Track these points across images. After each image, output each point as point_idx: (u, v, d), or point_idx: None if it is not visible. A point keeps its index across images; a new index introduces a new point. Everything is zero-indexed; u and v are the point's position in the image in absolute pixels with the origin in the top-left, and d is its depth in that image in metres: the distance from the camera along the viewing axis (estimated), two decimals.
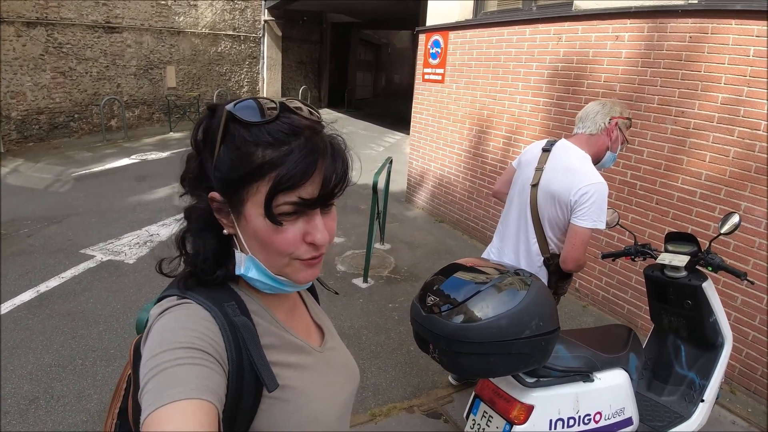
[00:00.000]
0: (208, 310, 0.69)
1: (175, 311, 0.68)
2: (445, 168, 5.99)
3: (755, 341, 3.10)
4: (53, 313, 3.56)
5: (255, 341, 0.70)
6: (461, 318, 1.54)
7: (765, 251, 3.00)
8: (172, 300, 0.71)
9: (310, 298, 0.97)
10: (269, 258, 0.72)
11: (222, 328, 0.68)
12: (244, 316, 0.71)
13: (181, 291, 0.72)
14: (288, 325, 0.81)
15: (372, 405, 2.81)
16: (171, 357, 0.59)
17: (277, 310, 0.80)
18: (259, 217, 0.68)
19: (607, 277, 3.98)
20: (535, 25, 4.40)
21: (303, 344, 0.81)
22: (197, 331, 0.64)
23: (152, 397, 0.56)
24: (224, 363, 0.65)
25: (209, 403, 0.57)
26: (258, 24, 14.00)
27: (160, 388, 0.56)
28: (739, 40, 3.02)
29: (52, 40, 9.36)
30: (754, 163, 3.02)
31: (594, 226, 1.97)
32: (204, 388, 0.58)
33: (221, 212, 0.72)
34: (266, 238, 0.69)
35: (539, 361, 1.63)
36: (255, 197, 0.68)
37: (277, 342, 0.76)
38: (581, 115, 2.13)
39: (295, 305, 0.88)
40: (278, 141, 0.66)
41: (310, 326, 0.90)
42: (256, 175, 0.67)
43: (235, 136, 0.67)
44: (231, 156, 0.68)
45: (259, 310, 0.76)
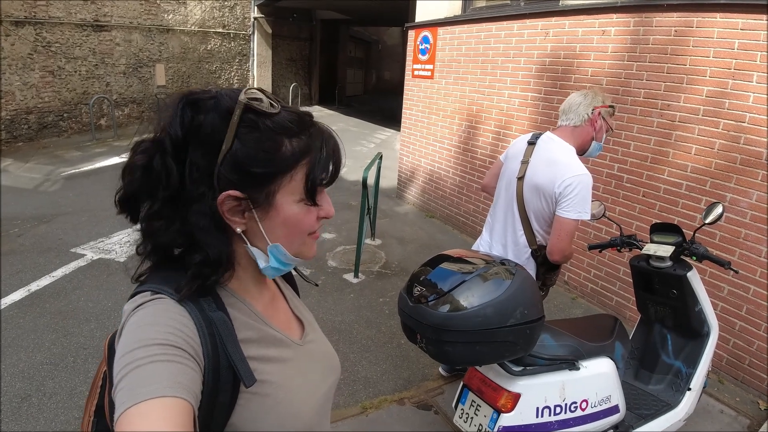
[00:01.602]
0: (183, 305, 0.68)
1: (149, 307, 0.66)
2: (435, 163, 6.01)
3: (742, 331, 3.15)
4: (44, 312, 3.55)
5: (231, 336, 0.69)
6: (447, 307, 1.56)
7: (751, 242, 3.05)
8: (146, 296, 0.69)
9: (289, 290, 0.96)
10: (293, 241, 0.75)
11: (197, 323, 0.67)
12: (221, 311, 0.70)
13: (155, 287, 0.70)
14: (267, 317, 0.80)
15: (363, 398, 2.82)
16: (144, 354, 0.59)
17: (255, 302, 0.79)
18: (293, 204, 0.71)
19: (596, 269, 4.02)
20: (522, 21, 4.42)
21: (282, 337, 0.81)
22: (171, 327, 0.63)
23: (125, 395, 0.55)
24: (200, 359, 0.64)
25: (183, 401, 0.56)
26: (248, 21, 13.93)
27: (134, 385, 0.56)
28: (724, 34, 3.06)
29: (41, 39, 9.27)
30: (738, 155, 3.07)
31: (579, 217, 1.99)
32: (177, 386, 0.57)
33: (235, 211, 0.70)
34: (297, 221, 0.73)
35: (525, 349, 1.65)
36: (289, 186, 0.70)
37: (255, 336, 0.75)
38: (564, 107, 2.16)
39: (274, 297, 0.87)
40: (297, 130, 0.70)
41: (290, 319, 0.89)
42: (290, 165, 0.69)
43: (259, 128, 0.68)
44: (255, 149, 0.67)
45: (237, 303, 0.76)
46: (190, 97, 0.69)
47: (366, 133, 12.86)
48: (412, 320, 1.66)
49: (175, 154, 0.67)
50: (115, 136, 10.20)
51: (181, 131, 0.67)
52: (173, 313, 0.66)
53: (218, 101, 0.68)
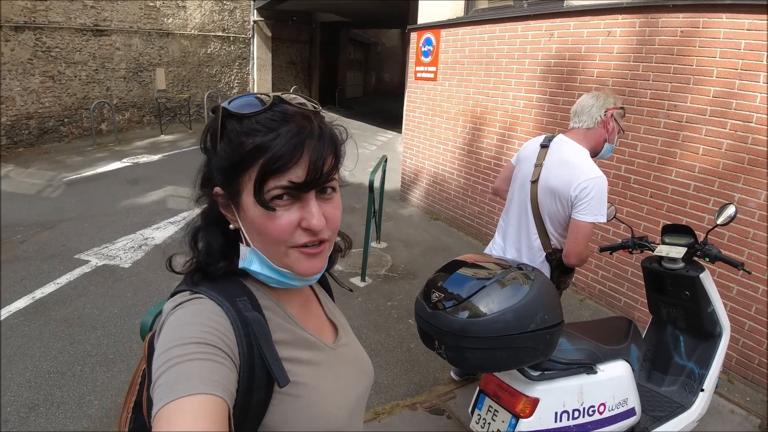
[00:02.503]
0: (220, 305, 0.69)
1: (187, 306, 0.68)
2: (439, 165, 6.00)
3: (752, 330, 3.14)
4: (50, 320, 3.53)
5: (266, 336, 0.70)
6: (467, 314, 1.55)
7: (760, 242, 3.05)
8: (185, 295, 0.71)
9: (324, 294, 0.97)
10: (267, 248, 0.72)
11: (233, 323, 0.68)
12: (256, 312, 0.72)
13: (192, 286, 0.72)
14: (301, 320, 0.81)
15: (375, 403, 2.81)
16: (183, 352, 0.60)
17: (289, 306, 0.80)
18: (253, 205, 0.69)
19: (604, 270, 4.01)
20: (526, 22, 4.42)
21: (316, 340, 0.81)
22: (209, 326, 0.65)
23: (163, 391, 0.56)
24: (235, 358, 0.65)
25: (219, 398, 0.57)
26: (247, 24, 13.94)
27: (171, 382, 0.57)
28: (730, 34, 3.06)
29: (41, 44, 9.27)
30: (746, 155, 3.06)
31: (595, 220, 1.99)
32: (214, 384, 0.58)
33: (226, 207, 0.74)
34: (261, 225, 0.69)
35: (544, 354, 1.64)
36: (248, 185, 0.68)
37: (289, 338, 0.76)
38: (576, 110, 2.15)
39: (308, 301, 0.88)
40: (268, 128, 0.67)
41: (324, 322, 0.90)
42: (246, 161, 0.68)
43: (229, 129, 0.69)
44: (226, 148, 0.69)
45: (271, 305, 0.77)
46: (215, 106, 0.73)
47: (367, 135, 12.86)
48: (430, 326, 1.65)
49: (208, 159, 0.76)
50: (116, 140, 10.20)
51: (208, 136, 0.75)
52: (210, 312, 0.68)
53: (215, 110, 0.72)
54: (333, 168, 0.71)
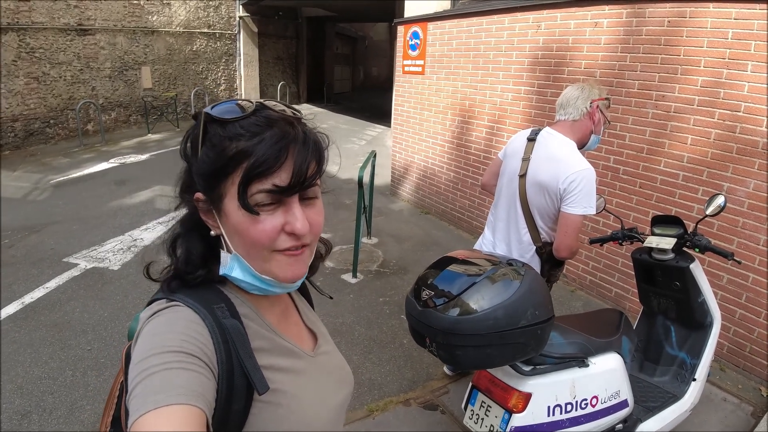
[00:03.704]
0: (197, 312, 0.68)
1: (164, 314, 0.67)
2: (428, 159, 5.99)
3: (743, 319, 3.17)
4: (40, 325, 3.49)
5: (245, 344, 0.69)
6: (457, 311, 1.54)
7: (749, 231, 3.06)
8: (161, 303, 0.70)
9: (303, 302, 0.95)
10: (250, 253, 0.71)
11: (211, 330, 0.67)
12: (234, 319, 0.71)
13: (169, 294, 0.71)
14: (279, 329, 0.80)
15: (368, 400, 2.81)
16: (159, 361, 0.59)
17: (267, 314, 0.79)
18: (237, 209, 0.68)
19: (594, 261, 4.02)
20: (513, 14, 4.41)
21: (294, 348, 0.80)
22: (186, 335, 0.64)
23: (139, 401, 0.55)
24: (213, 366, 0.64)
25: (197, 408, 0.56)
26: (233, 21, 13.80)
27: (148, 392, 0.56)
28: (717, 23, 3.06)
29: (24, 46, 9.12)
30: (735, 145, 3.07)
31: (585, 212, 1.99)
32: (192, 393, 0.57)
33: (207, 213, 0.73)
34: (245, 230, 0.68)
35: (536, 349, 1.64)
36: (231, 189, 0.68)
37: (267, 345, 0.75)
38: (561, 102, 2.14)
39: (287, 309, 0.87)
40: (251, 133, 0.67)
41: (302, 331, 0.89)
42: (229, 166, 0.67)
43: (212, 134, 0.69)
44: (208, 153, 0.68)
45: (250, 313, 0.76)
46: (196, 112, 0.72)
47: (356, 130, 12.82)
48: (421, 325, 1.64)
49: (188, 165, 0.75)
50: (102, 140, 10.08)
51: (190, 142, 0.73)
52: (188, 320, 0.66)
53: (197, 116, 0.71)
54: (316, 173, 0.71)
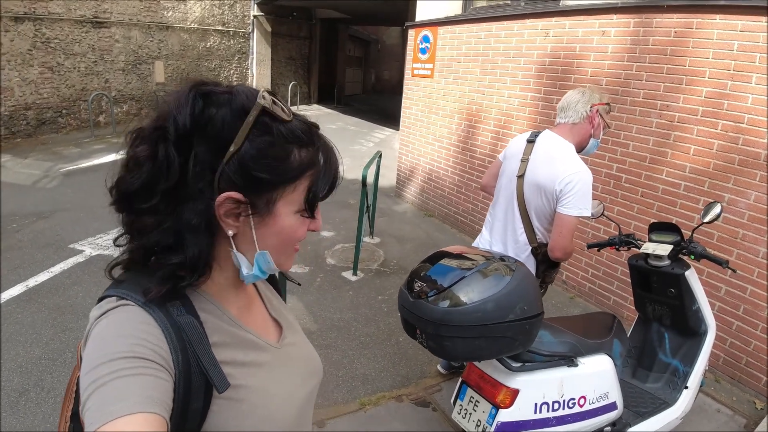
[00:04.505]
0: (149, 312, 0.64)
1: (112, 315, 0.63)
2: (434, 162, 6.02)
3: (739, 330, 3.16)
4: (42, 307, 3.54)
5: (202, 341, 0.66)
6: (447, 303, 1.57)
7: (748, 242, 3.07)
8: (111, 301, 0.65)
9: (269, 293, 0.93)
10: (283, 251, 0.73)
11: (164, 330, 0.63)
12: (190, 315, 0.67)
13: (119, 289, 0.66)
14: (243, 320, 0.77)
15: (361, 394, 2.83)
16: (111, 369, 0.56)
17: (230, 306, 0.76)
18: (290, 214, 0.70)
19: (593, 268, 4.03)
20: (523, 21, 4.44)
21: (257, 341, 0.78)
22: (136, 337, 0.60)
23: (94, 414, 0.53)
24: (169, 367, 0.62)
25: (155, 415, 0.54)
26: (247, 19, 13.92)
27: (102, 404, 0.53)
28: (723, 35, 3.07)
29: (40, 35, 9.24)
30: (737, 156, 3.08)
31: (580, 214, 2.01)
32: (148, 400, 0.55)
33: (231, 213, 0.67)
34: (292, 232, 0.71)
35: (523, 344, 1.66)
36: (291, 196, 0.69)
37: (228, 339, 0.73)
38: (562, 105, 2.17)
39: (251, 300, 0.84)
40: (307, 140, 0.69)
41: (267, 322, 0.86)
42: (296, 176, 0.68)
43: (272, 133, 0.66)
44: (264, 154, 0.65)
45: (209, 307, 0.73)
46: (203, 87, 0.65)
47: (364, 132, 12.87)
48: (412, 315, 1.67)
49: (178, 144, 0.63)
50: (113, 132, 10.18)
51: (190, 122, 0.63)
52: (138, 321, 0.63)
53: (233, 98, 0.65)
54: None
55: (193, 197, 0.64)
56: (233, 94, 0.66)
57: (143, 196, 0.64)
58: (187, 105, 0.64)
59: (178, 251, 0.65)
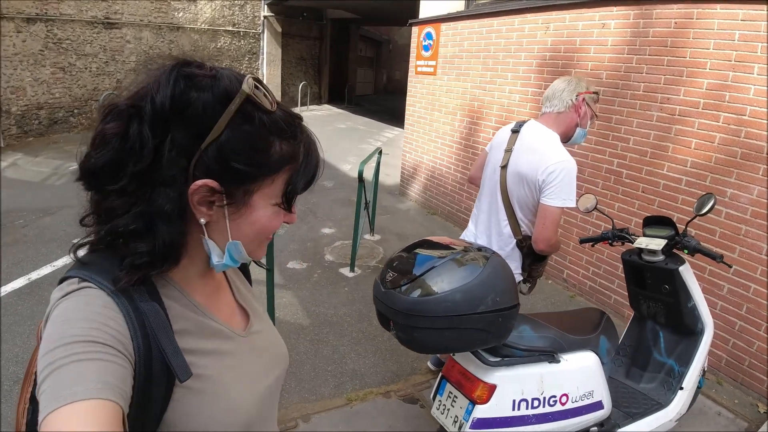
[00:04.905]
0: (111, 296, 0.62)
1: (73, 297, 0.61)
2: (437, 160, 5.96)
3: (742, 331, 3.06)
4: (42, 299, 3.58)
5: (165, 328, 0.65)
6: (418, 292, 1.52)
7: (752, 239, 2.96)
8: (72, 283, 0.63)
9: (238, 279, 0.92)
10: (256, 241, 0.72)
11: (126, 315, 0.62)
12: (154, 302, 0.66)
13: (83, 270, 0.64)
14: (209, 308, 0.76)
15: (349, 390, 2.80)
16: (68, 352, 0.55)
17: (196, 294, 0.75)
18: (267, 206, 0.69)
19: (594, 266, 3.94)
20: (523, 15, 4.37)
21: (222, 329, 0.77)
22: (96, 322, 0.59)
23: (48, 398, 0.52)
24: (129, 354, 0.60)
25: (109, 402, 0.53)
26: (257, 20, 14.00)
27: (57, 387, 0.52)
28: (724, 25, 2.98)
29: (52, 36, 9.40)
30: (739, 149, 2.99)
31: (563, 204, 1.94)
32: (103, 386, 0.54)
33: (204, 201, 0.65)
34: (267, 223, 0.70)
35: (497, 338, 1.61)
36: (269, 188, 0.68)
37: (192, 327, 0.71)
38: (548, 94, 2.11)
39: (219, 288, 0.83)
40: (289, 133, 0.68)
41: (234, 310, 0.85)
42: (275, 169, 0.67)
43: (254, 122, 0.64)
44: (245, 144, 0.64)
45: (174, 293, 0.71)
46: (185, 68, 0.63)
47: (373, 131, 12.85)
48: (384, 306, 1.62)
49: (153, 125, 0.61)
50: None
51: (169, 103, 0.61)
52: (98, 306, 0.61)
53: (217, 82, 0.63)
54: None
55: (166, 182, 0.62)
56: (216, 78, 0.63)
57: (110, 176, 0.61)
58: (168, 86, 0.61)
59: (147, 237, 0.63)
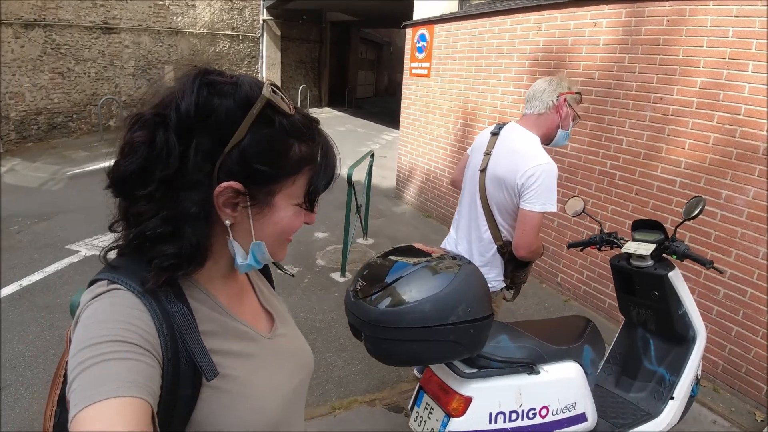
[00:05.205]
0: (139, 297, 0.64)
1: (103, 299, 0.63)
2: (432, 162, 5.90)
3: (739, 337, 2.98)
4: (32, 306, 3.58)
5: (191, 328, 0.66)
6: (387, 302, 1.46)
7: (748, 242, 2.88)
8: (102, 285, 0.65)
9: (262, 283, 0.93)
10: (277, 242, 0.73)
11: (154, 315, 0.63)
12: (180, 303, 0.67)
13: (112, 273, 0.66)
14: (233, 310, 0.77)
15: (334, 398, 2.74)
16: (97, 352, 0.56)
17: (221, 295, 0.76)
18: (289, 206, 0.71)
19: (589, 270, 3.87)
20: (515, 15, 4.31)
21: (248, 330, 0.78)
22: (125, 322, 0.60)
23: (78, 396, 0.53)
24: (157, 354, 0.61)
25: (138, 399, 0.54)
26: (257, 23, 14.00)
27: (86, 386, 0.54)
28: (717, 21, 2.91)
29: (50, 41, 9.41)
30: (734, 150, 2.91)
31: (543, 209, 1.88)
32: (132, 384, 0.55)
33: (229, 203, 0.67)
34: (289, 224, 0.72)
35: (470, 349, 1.54)
36: (290, 189, 0.70)
37: (217, 329, 0.72)
38: (529, 95, 2.05)
39: (243, 290, 0.84)
40: (308, 135, 0.69)
41: (259, 312, 0.86)
42: (296, 170, 0.69)
43: (274, 125, 0.66)
44: (266, 147, 0.66)
45: (200, 295, 0.72)
46: (208, 76, 0.66)
47: (373, 134, 12.81)
48: (354, 317, 1.57)
49: (179, 132, 0.63)
50: None
51: (193, 110, 0.63)
52: (127, 306, 0.63)
53: (238, 88, 0.65)
54: None
55: (192, 186, 0.64)
56: (237, 84, 0.66)
57: (139, 182, 0.64)
58: (192, 94, 0.64)
59: (174, 240, 0.65)
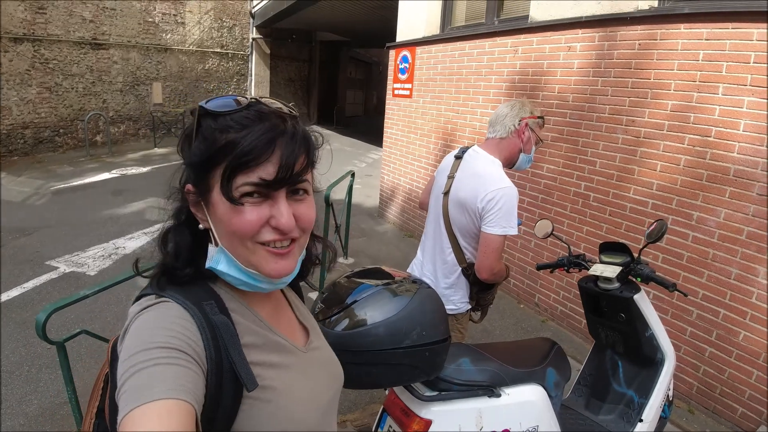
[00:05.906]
0: (186, 309, 0.68)
1: (152, 310, 0.67)
2: (413, 182, 5.93)
3: (712, 357, 2.99)
4: (9, 322, 3.56)
5: (234, 340, 0.69)
6: (344, 324, 1.46)
7: (720, 263, 2.91)
8: (150, 299, 0.70)
9: (294, 296, 0.96)
10: (234, 245, 0.71)
11: (200, 326, 0.67)
12: (224, 315, 0.70)
13: (159, 290, 0.71)
14: (272, 323, 0.79)
15: None
16: (148, 357, 0.59)
17: (260, 309, 0.79)
18: (222, 200, 0.69)
19: (565, 291, 3.87)
20: (493, 38, 4.38)
21: (286, 343, 0.80)
22: (174, 331, 0.64)
23: (128, 397, 0.55)
24: (202, 362, 0.64)
25: (186, 403, 0.56)
26: (246, 42, 14.11)
27: (137, 388, 0.56)
28: (688, 45, 2.96)
29: (39, 56, 9.43)
30: (705, 171, 2.94)
31: (504, 232, 1.89)
32: (180, 388, 0.57)
33: (197, 205, 0.73)
34: (227, 220, 0.69)
35: (427, 373, 1.53)
36: (219, 181, 0.69)
37: (258, 341, 0.75)
38: (492, 119, 2.07)
39: (279, 304, 0.87)
40: (242, 125, 0.68)
41: (295, 325, 0.89)
42: (217, 157, 0.67)
43: (204, 126, 0.69)
44: (200, 145, 0.69)
45: (241, 308, 0.75)
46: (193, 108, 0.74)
47: (360, 153, 12.86)
48: None
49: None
50: (109, 152, 10.28)
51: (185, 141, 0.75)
52: (176, 316, 0.66)
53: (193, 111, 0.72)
54: (305, 168, 0.71)
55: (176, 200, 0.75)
56: None
57: None
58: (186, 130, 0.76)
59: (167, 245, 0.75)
